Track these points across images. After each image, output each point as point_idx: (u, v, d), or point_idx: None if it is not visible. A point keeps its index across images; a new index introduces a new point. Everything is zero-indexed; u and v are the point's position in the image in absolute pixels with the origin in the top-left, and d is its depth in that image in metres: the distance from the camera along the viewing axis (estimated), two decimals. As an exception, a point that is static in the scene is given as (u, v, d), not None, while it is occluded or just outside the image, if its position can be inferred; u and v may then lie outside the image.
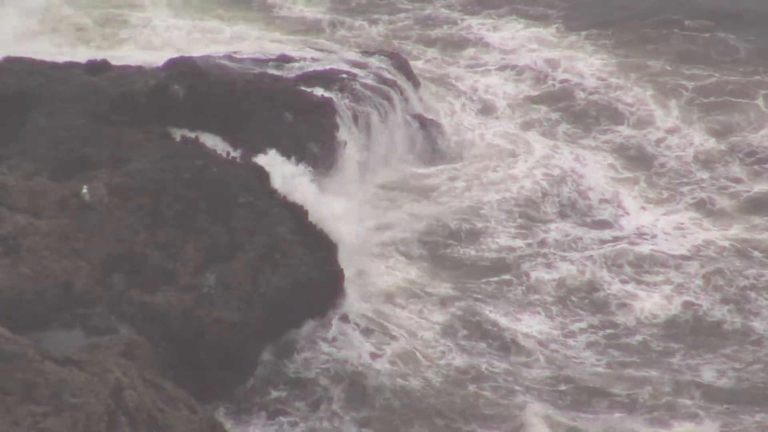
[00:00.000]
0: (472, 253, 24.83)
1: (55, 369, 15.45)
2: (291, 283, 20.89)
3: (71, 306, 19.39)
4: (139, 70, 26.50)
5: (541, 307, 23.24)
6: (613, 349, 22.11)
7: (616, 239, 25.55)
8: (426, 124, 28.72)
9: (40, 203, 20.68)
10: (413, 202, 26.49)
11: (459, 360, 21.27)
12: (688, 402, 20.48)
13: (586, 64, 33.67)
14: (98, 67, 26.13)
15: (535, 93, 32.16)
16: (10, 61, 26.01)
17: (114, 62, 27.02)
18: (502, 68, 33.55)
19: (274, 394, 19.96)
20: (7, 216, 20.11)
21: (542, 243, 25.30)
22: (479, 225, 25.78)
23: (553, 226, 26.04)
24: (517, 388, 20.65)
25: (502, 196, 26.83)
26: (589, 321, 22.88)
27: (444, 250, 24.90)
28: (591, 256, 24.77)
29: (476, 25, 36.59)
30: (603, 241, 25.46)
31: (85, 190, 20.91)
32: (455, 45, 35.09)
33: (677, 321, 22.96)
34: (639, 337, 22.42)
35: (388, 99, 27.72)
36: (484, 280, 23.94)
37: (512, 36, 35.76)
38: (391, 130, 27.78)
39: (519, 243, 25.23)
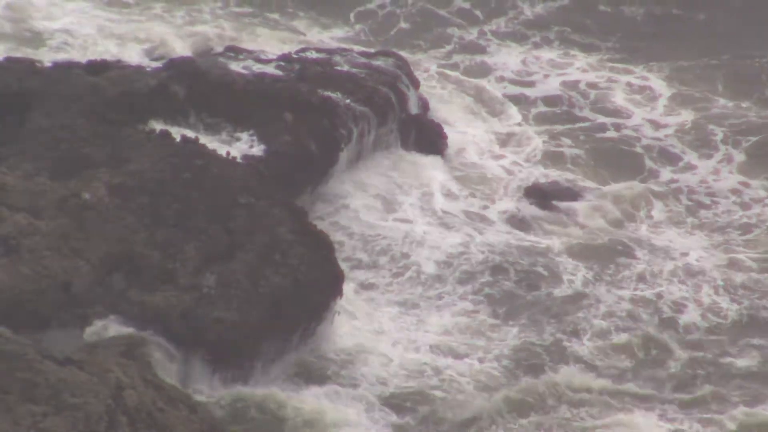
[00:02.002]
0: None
1: (55, 369, 15.47)
2: (291, 283, 20.91)
3: (71, 306, 19.41)
4: (138, 69, 26.51)
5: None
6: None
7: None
8: (424, 125, 28.72)
9: (40, 203, 20.67)
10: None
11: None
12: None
13: (627, 99, 32.09)
14: (98, 67, 26.12)
15: (564, 128, 30.78)
16: (9, 60, 26.01)
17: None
18: (527, 94, 32.27)
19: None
20: (7, 216, 20.12)
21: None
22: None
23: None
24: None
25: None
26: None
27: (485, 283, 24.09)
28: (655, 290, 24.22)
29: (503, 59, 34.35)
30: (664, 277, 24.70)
31: (87, 196, 20.89)
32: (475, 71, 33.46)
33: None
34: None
35: (387, 99, 27.70)
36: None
37: (544, 67, 33.83)
38: (390, 130, 27.77)
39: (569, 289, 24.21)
